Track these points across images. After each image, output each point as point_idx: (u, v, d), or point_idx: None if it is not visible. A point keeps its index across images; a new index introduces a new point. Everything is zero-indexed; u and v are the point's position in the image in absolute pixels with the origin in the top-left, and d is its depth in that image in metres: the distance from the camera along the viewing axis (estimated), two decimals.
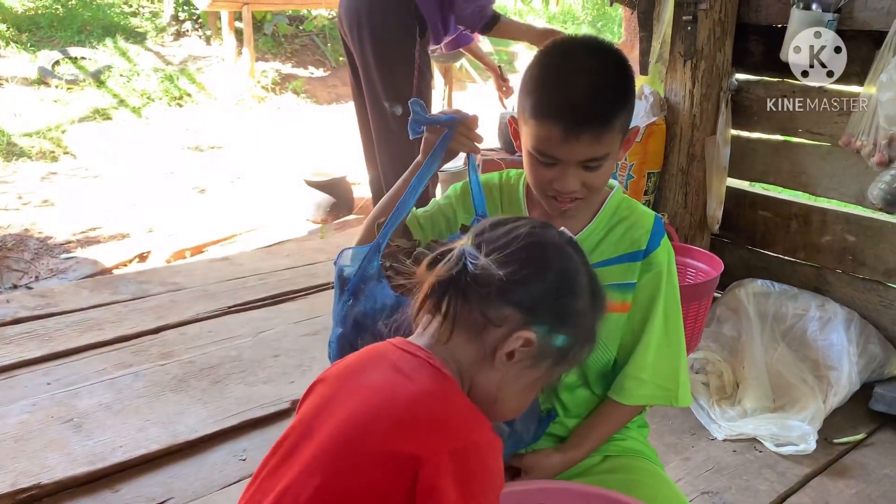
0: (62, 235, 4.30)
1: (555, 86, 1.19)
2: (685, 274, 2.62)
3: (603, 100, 1.18)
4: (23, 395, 2.29)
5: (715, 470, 2.07)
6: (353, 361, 0.97)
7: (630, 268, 1.32)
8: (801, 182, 2.71)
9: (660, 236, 1.33)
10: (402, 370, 0.90)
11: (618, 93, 1.20)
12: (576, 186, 1.22)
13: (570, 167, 1.21)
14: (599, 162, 1.21)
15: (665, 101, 2.80)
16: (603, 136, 1.18)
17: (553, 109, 1.18)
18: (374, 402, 0.88)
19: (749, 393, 2.34)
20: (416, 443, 0.83)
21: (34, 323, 2.73)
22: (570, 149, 1.18)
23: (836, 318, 2.51)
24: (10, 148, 5.64)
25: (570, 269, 0.96)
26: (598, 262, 1.32)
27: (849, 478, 2.06)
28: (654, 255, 1.32)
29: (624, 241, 1.32)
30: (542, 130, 1.19)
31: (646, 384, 1.31)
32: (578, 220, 1.33)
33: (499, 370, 0.92)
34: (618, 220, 1.34)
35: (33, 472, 1.92)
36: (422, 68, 2.75)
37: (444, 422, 0.86)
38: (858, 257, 2.58)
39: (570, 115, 1.16)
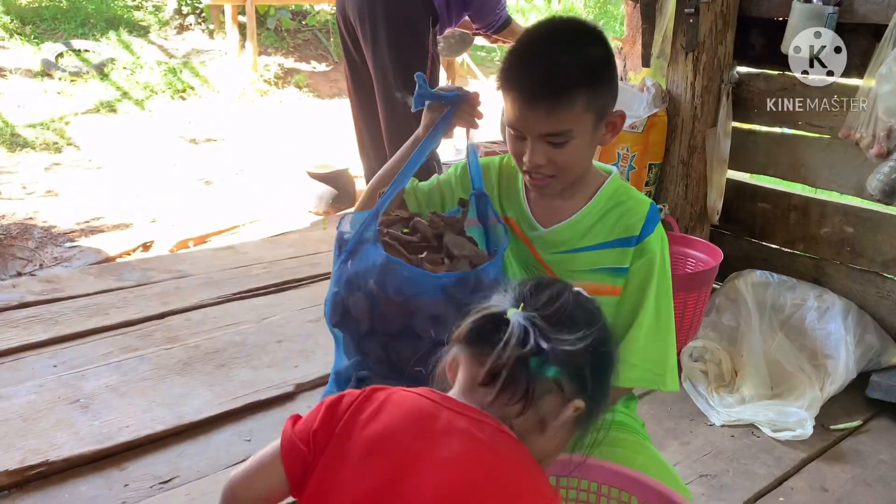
0: (66, 225, 4.31)
1: (518, 57, 1.24)
2: (685, 264, 2.64)
3: (560, 73, 1.19)
4: (30, 376, 2.32)
5: (713, 454, 2.10)
6: (406, 423, 0.90)
7: (623, 253, 1.33)
8: (801, 174, 2.74)
9: (654, 223, 1.35)
10: (481, 440, 0.88)
11: (581, 69, 1.21)
12: (541, 161, 1.24)
13: (535, 142, 1.24)
14: (562, 138, 1.23)
15: (667, 93, 2.83)
16: (558, 109, 1.20)
17: (511, 80, 1.22)
18: (470, 477, 0.85)
19: (747, 381, 2.38)
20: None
21: (40, 307, 2.75)
22: (526, 119, 1.22)
23: (834, 309, 2.53)
24: (15, 139, 5.65)
25: (612, 339, 0.99)
26: (592, 245, 1.34)
27: (845, 463, 2.09)
28: (647, 242, 1.33)
29: (618, 227, 1.34)
30: (507, 101, 1.24)
31: (636, 368, 1.32)
32: (573, 203, 1.35)
33: (548, 437, 0.93)
34: (613, 204, 1.36)
35: (42, 450, 1.95)
36: (434, 58, 2.79)
37: (536, 491, 0.88)
38: (857, 248, 2.61)
39: (525, 84, 1.20)
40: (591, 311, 0.98)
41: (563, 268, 1.36)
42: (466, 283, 1.21)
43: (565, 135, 1.23)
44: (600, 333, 0.94)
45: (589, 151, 1.30)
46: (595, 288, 1.34)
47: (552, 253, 1.37)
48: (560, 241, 1.36)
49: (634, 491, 1.20)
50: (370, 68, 2.94)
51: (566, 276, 1.34)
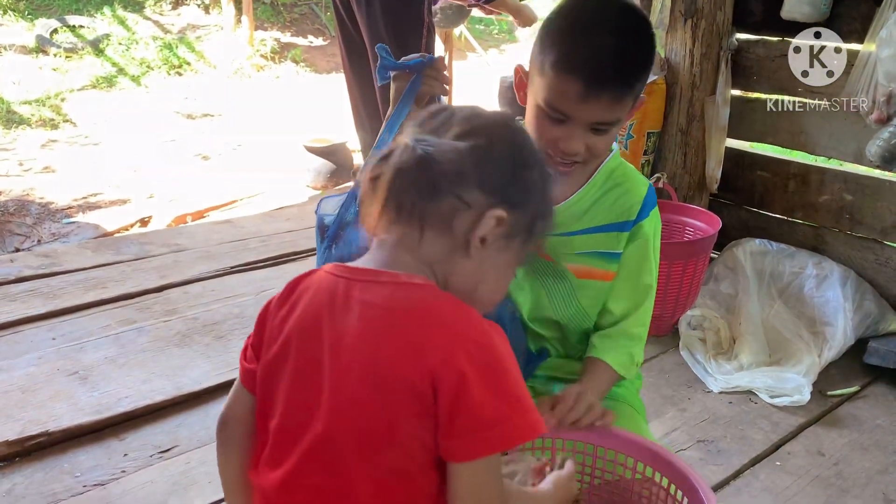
0: (63, 201, 4.30)
1: (582, 40, 1.15)
2: (683, 233, 2.64)
3: (630, 61, 1.15)
4: (28, 349, 2.32)
5: (711, 420, 2.11)
6: (312, 310, 0.87)
7: (618, 237, 1.31)
8: (801, 142, 2.72)
9: (650, 207, 1.32)
10: (373, 302, 0.84)
11: (643, 56, 1.18)
12: (580, 149, 1.19)
13: (578, 128, 1.18)
14: (609, 126, 1.19)
15: (665, 60, 2.80)
16: (623, 98, 1.16)
17: (578, 64, 1.13)
18: (368, 348, 0.82)
19: (745, 348, 2.38)
20: (429, 360, 0.79)
21: (38, 281, 2.75)
22: (586, 108, 1.15)
23: (833, 276, 2.53)
24: (10, 116, 5.63)
25: (518, 140, 0.91)
26: (587, 228, 1.31)
27: (842, 427, 2.10)
28: (640, 226, 1.31)
29: (615, 209, 1.31)
30: (560, 84, 1.15)
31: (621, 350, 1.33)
32: (571, 183, 1.31)
33: (474, 258, 0.87)
34: (611, 185, 1.32)
35: (41, 421, 1.96)
36: (430, 27, 2.76)
37: (443, 328, 0.82)
38: (856, 216, 2.60)
39: (596, 72, 1.12)
40: (483, 116, 0.90)
41: (558, 250, 1.32)
42: None
43: (614, 123, 1.19)
44: (493, 132, 0.88)
45: (616, 134, 1.27)
46: (587, 272, 1.32)
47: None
48: (555, 224, 1.34)
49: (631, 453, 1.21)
50: (365, 41, 2.91)
51: (561, 258, 1.33)
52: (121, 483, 1.80)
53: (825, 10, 2.45)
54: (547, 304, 1.35)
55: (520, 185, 0.89)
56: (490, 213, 0.85)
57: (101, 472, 1.83)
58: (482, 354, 0.81)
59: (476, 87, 5.88)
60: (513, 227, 0.88)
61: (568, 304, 1.35)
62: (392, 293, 0.84)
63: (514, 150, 0.90)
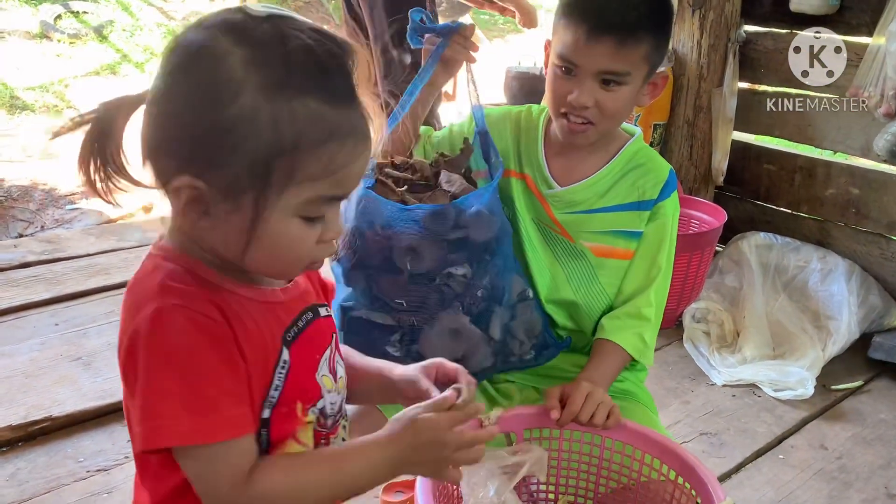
0: (66, 187, 4.29)
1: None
2: (688, 225, 2.63)
3: (633, 10, 1.18)
4: (31, 334, 2.32)
5: (714, 413, 2.11)
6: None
7: (639, 216, 1.32)
8: (808, 135, 2.70)
9: (671, 189, 1.33)
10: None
11: (651, 12, 1.20)
12: (589, 102, 1.21)
13: (587, 78, 1.20)
14: (618, 78, 1.20)
15: (672, 51, 2.79)
16: (625, 44, 1.17)
17: (580, 9, 1.18)
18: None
19: (749, 341, 2.37)
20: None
21: (41, 267, 2.75)
22: (590, 52, 1.18)
23: (838, 270, 2.52)
24: (14, 101, 5.61)
25: (196, 79, 0.71)
26: (608, 206, 1.32)
27: (845, 422, 2.10)
28: (661, 206, 1.32)
29: (635, 189, 1.32)
30: (567, 33, 1.19)
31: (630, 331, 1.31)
32: (593, 163, 1.33)
33: (204, 227, 0.75)
34: (633, 166, 1.33)
35: (44, 406, 1.96)
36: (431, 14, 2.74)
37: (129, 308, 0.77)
38: (862, 210, 2.59)
39: (596, 14, 1.17)
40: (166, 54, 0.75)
41: (577, 228, 1.33)
42: (444, 215, 1.20)
43: (622, 76, 1.20)
44: (171, 79, 0.72)
45: (631, 105, 1.27)
46: (608, 251, 1.33)
47: (566, 213, 1.34)
48: (576, 201, 1.33)
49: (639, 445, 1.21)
50: (368, 29, 2.89)
51: (579, 237, 1.33)
52: (124, 469, 1.80)
53: (834, 3, 2.44)
54: (565, 284, 1.35)
55: (211, 135, 0.71)
56: (172, 184, 0.72)
57: (105, 457, 1.83)
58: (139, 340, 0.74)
59: (482, 75, 5.86)
60: (213, 192, 0.72)
61: (587, 284, 1.35)
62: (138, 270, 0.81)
63: (190, 95, 0.71)
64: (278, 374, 0.81)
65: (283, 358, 0.82)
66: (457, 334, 1.25)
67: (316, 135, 0.71)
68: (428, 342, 1.25)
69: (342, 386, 0.92)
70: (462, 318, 1.25)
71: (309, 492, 0.80)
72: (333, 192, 0.75)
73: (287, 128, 0.70)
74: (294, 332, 0.84)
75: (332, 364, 0.90)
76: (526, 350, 1.32)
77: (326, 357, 0.89)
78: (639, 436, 1.21)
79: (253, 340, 0.79)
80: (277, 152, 0.70)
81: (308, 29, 0.73)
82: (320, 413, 0.87)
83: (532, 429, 1.24)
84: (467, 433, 0.85)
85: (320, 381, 0.87)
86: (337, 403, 0.90)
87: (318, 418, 0.87)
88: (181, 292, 0.75)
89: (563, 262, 1.35)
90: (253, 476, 0.77)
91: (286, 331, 0.83)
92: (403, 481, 1.73)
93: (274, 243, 0.75)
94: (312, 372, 0.86)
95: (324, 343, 0.89)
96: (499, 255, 1.28)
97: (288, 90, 0.70)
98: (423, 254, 1.20)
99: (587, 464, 1.26)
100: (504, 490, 1.13)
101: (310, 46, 0.71)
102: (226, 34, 0.71)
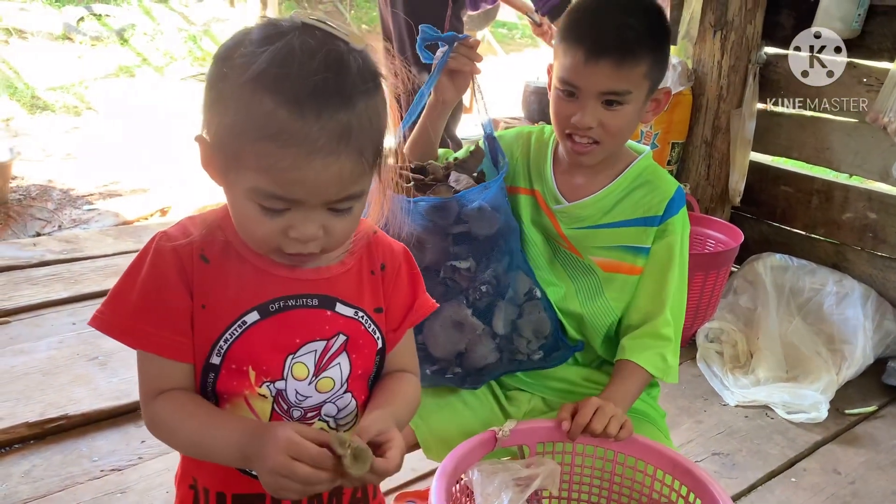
0: (84, 188, 4.33)
1: (586, 11, 1.24)
2: (704, 244, 2.63)
3: (629, 31, 1.20)
4: (49, 332, 2.34)
5: (726, 433, 2.10)
6: None
7: (644, 232, 1.33)
8: (825, 158, 2.70)
9: (679, 205, 1.34)
10: None
11: (648, 32, 1.22)
12: (592, 122, 1.23)
13: (589, 100, 1.22)
14: (619, 98, 1.22)
15: (692, 71, 2.80)
16: (624, 65, 1.19)
17: (578, 32, 1.21)
18: None
19: (762, 363, 2.37)
20: None
21: (60, 266, 2.78)
22: (589, 74, 1.20)
23: (853, 294, 2.52)
24: (35, 101, 5.67)
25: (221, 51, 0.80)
26: (613, 222, 1.34)
27: (858, 446, 2.09)
28: (669, 223, 1.32)
29: (641, 205, 1.33)
30: (566, 55, 1.22)
31: (650, 350, 1.30)
32: (599, 180, 1.35)
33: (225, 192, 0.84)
34: (639, 183, 1.34)
35: (60, 404, 1.98)
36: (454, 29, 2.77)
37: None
38: (879, 235, 2.59)
39: (594, 37, 1.19)
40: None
41: (584, 243, 1.36)
42: (446, 209, 1.22)
43: (623, 96, 1.22)
44: (226, 50, 0.80)
45: (635, 123, 1.29)
46: (614, 265, 1.35)
47: (573, 228, 1.36)
48: (582, 217, 1.35)
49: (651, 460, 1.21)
50: (392, 38, 2.93)
51: (586, 252, 1.36)
52: (137, 469, 1.81)
53: (856, 27, 2.45)
54: (573, 297, 1.37)
55: (209, 98, 0.80)
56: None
57: (119, 457, 1.85)
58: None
59: (499, 90, 5.89)
60: (210, 146, 0.81)
61: (593, 298, 1.36)
62: None
63: (213, 61, 0.80)
64: (233, 330, 0.86)
65: (245, 319, 0.86)
66: (460, 327, 1.27)
67: (259, 131, 0.75)
68: (431, 334, 1.26)
69: (324, 388, 0.90)
70: (465, 310, 1.26)
71: (179, 434, 0.87)
72: (276, 192, 0.77)
73: (241, 115, 0.76)
74: (279, 306, 0.87)
75: (321, 361, 0.90)
76: (534, 349, 1.33)
77: (314, 349, 0.89)
78: (651, 451, 1.21)
79: (222, 291, 0.86)
80: (229, 133, 0.77)
81: (319, 42, 0.76)
82: (278, 395, 0.88)
83: (545, 442, 1.24)
84: (291, 462, 0.78)
85: (287, 364, 0.88)
86: (309, 398, 0.90)
87: (277, 399, 0.88)
88: (182, 233, 0.86)
89: (573, 276, 1.37)
90: (161, 396, 0.86)
91: (270, 301, 0.87)
92: (416, 491, 1.74)
93: (236, 214, 0.83)
94: (280, 350, 0.87)
95: (315, 334, 0.89)
96: (503, 251, 1.29)
97: (257, 83, 0.74)
98: (426, 246, 1.22)
99: (599, 479, 1.26)
100: (517, 502, 1.14)
101: (294, 53, 0.75)
102: (261, 26, 0.78)
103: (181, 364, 0.86)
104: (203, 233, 0.86)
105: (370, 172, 0.82)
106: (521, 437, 1.22)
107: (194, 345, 0.86)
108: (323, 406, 0.91)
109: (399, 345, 0.99)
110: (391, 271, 0.96)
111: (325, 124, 0.74)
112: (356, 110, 0.76)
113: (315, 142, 0.74)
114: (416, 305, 0.99)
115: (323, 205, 0.79)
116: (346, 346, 0.91)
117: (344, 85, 0.76)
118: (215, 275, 0.86)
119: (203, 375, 0.87)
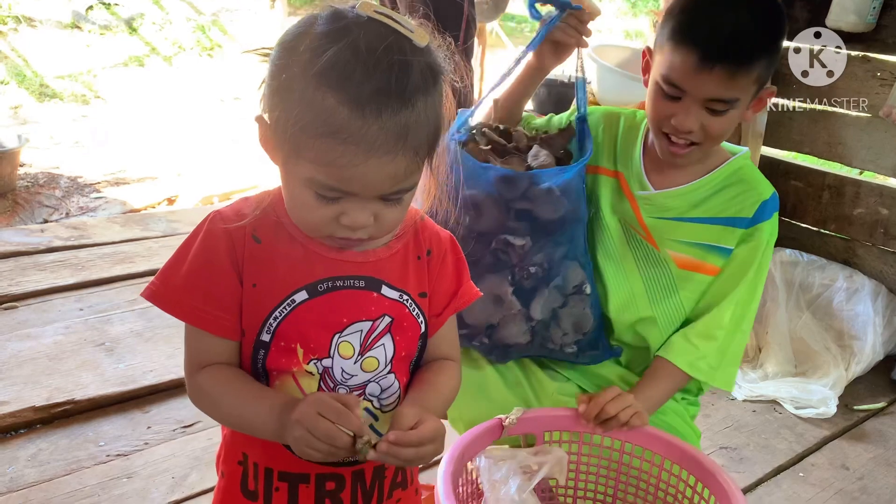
0: (92, 176, 4.34)
1: (700, 11, 1.15)
2: None
3: (747, 37, 1.13)
4: (56, 318, 2.34)
5: (734, 427, 2.09)
6: None
7: (731, 233, 1.27)
8: (838, 153, 2.68)
9: (771, 211, 1.28)
10: None
11: (765, 35, 1.15)
12: (694, 126, 1.17)
13: (693, 104, 1.16)
14: (726, 106, 1.16)
15: None
16: (738, 75, 1.13)
17: (692, 35, 1.13)
18: None
19: (771, 357, 2.36)
20: None
21: (67, 252, 2.78)
22: (699, 80, 1.13)
23: (864, 290, 2.50)
24: (44, 89, 5.68)
25: (285, 39, 0.81)
26: (699, 217, 1.28)
27: (867, 442, 2.08)
28: (758, 228, 1.27)
29: (732, 205, 1.28)
30: (675, 56, 1.14)
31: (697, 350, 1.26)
32: (691, 172, 1.29)
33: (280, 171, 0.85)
34: (733, 181, 1.29)
35: (67, 389, 1.98)
36: (468, 20, 2.76)
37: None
38: (890, 231, 2.57)
39: (710, 43, 1.11)
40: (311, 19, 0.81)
41: (664, 234, 1.30)
42: (514, 181, 1.19)
43: (730, 103, 1.16)
44: (286, 44, 0.82)
45: (736, 124, 1.23)
46: (692, 264, 1.29)
47: (656, 217, 1.30)
48: (667, 207, 1.30)
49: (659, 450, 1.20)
50: None
51: (664, 245, 1.30)
52: (143, 454, 1.81)
53: (871, 21, 2.42)
54: (642, 297, 1.32)
55: (273, 85, 0.81)
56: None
57: (125, 442, 1.85)
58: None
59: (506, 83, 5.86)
60: (270, 130, 0.82)
61: (666, 296, 1.31)
62: None
63: (278, 48, 0.82)
64: (282, 308, 0.88)
65: (294, 298, 0.88)
66: (498, 301, 1.25)
67: (320, 128, 0.76)
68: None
69: (369, 367, 0.92)
70: (506, 286, 1.25)
71: (221, 406, 0.90)
72: (332, 184, 0.79)
73: (304, 109, 0.77)
74: (327, 286, 0.89)
75: (367, 341, 0.91)
76: (568, 342, 1.31)
77: (360, 329, 0.90)
78: (659, 441, 1.20)
79: (273, 271, 0.88)
80: (291, 124, 0.78)
81: (383, 40, 0.76)
82: (325, 372, 0.90)
83: (552, 431, 1.24)
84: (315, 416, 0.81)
85: (334, 343, 0.90)
86: (354, 377, 0.92)
87: (324, 377, 0.90)
88: (235, 214, 0.89)
89: (643, 269, 1.32)
90: (205, 369, 0.89)
91: (319, 281, 0.89)
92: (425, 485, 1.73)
93: (291, 198, 0.85)
94: (327, 328, 0.89)
95: (361, 314, 0.91)
96: (562, 239, 1.26)
97: (321, 79, 0.75)
98: (484, 212, 1.20)
99: (606, 468, 1.25)
100: (524, 489, 1.13)
101: (360, 51, 0.75)
102: (326, 17, 0.79)
103: (225, 340, 0.89)
104: (256, 214, 0.89)
105: (423, 166, 0.84)
106: (529, 425, 1.21)
107: (247, 322, 0.89)
108: (367, 385, 0.94)
109: (441, 330, 1.00)
110: (437, 257, 0.98)
111: (384, 124, 0.76)
112: (415, 110, 0.78)
113: (373, 141, 0.76)
114: (460, 292, 1.00)
115: (376, 196, 0.81)
116: (391, 327, 0.93)
117: (405, 86, 0.77)
118: (266, 255, 0.88)
119: (254, 352, 0.90)
